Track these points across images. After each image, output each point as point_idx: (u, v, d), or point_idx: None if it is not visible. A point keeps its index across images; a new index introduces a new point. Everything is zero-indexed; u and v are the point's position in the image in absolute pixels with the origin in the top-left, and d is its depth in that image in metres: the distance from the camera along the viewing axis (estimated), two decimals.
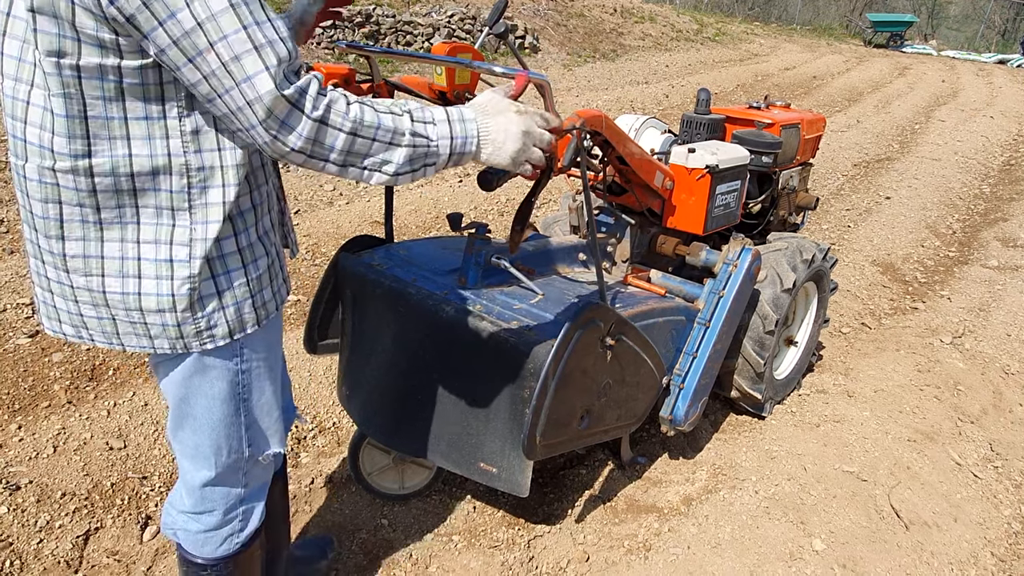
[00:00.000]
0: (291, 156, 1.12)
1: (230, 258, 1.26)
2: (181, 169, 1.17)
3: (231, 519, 1.53)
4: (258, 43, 1.04)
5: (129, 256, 1.20)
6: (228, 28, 1.02)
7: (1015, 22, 28.17)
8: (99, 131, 1.12)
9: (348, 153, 1.14)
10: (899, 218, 5.72)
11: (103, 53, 1.06)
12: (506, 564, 2.17)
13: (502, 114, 1.28)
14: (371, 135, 1.15)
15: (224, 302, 1.28)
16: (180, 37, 1.02)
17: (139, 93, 1.11)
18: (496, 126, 1.27)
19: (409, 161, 1.19)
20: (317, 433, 2.77)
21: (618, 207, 2.59)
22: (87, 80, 1.08)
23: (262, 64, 1.05)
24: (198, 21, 1.01)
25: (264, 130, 1.08)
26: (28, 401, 2.69)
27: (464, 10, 10.71)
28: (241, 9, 1.03)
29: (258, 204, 1.30)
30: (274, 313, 1.40)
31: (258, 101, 1.05)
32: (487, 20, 2.07)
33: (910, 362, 3.39)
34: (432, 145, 1.21)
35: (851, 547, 2.23)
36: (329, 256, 4.10)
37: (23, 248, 1.36)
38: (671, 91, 10.30)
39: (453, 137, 1.23)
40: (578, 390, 1.85)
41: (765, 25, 22.72)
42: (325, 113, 1.10)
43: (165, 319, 1.24)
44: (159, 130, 1.14)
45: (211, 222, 1.21)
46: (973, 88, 13.84)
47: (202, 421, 1.39)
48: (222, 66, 1.04)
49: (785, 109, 3.31)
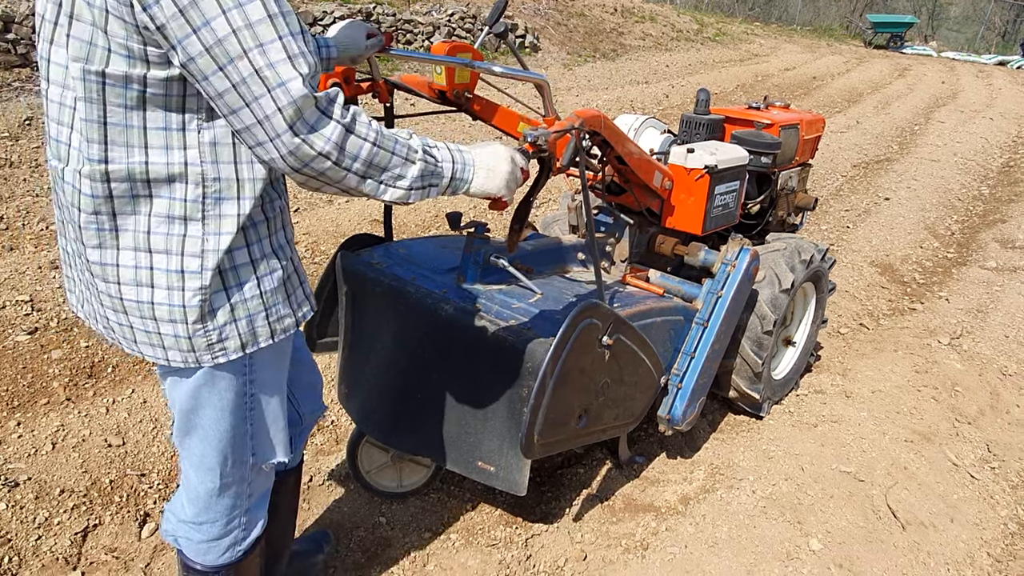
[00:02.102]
0: (315, 162, 1.11)
1: (243, 270, 1.26)
2: (197, 178, 1.17)
3: (233, 528, 1.53)
4: (292, 53, 1.07)
5: (142, 265, 1.21)
6: (265, 37, 1.04)
7: (1015, 24, 28.18)
8: (116, 137, 1.13)
9: (370, 164, 1.17)
10: (898, 219, 5.72)
11: (130, 62, 1.07)
12: (504, 562, 2.18)
13: (489, 146, 1.42)
14: (391, 148, 1.19)
15: (236, 315, 1.28)
16: (213, 44, 1.03)
17: (161, 103, 1.12)
18: (487, 154, 1.40)
19: (421, 177, 1.25)
20: (315, 431, 2.77)
21: (617, 207, 2.59)
22: (111, 87, 1.09)
23: (296, 72, 1.06)
24: (233, 28, 1.02)
25: (292, 135, 1.08)
26: (27, 398, 2.69)
27: (464, 9, 10.71)
28: (279, 20, 1.06)
29: (271, 216, 1.30)
30: (292, 330, 1.39)
31: (291, 105, 1.06)
32: (487, 19, 2.07)
33: (908, 363, 3.40)
34: (438, 165, 1.29)
35: (848, 547, 2.23)
36: (328, 254, 4.10)
37: (61, 250, 1.41)
38: (671, 91, 10.31)
39: (455, 161, 1.32)
40: (576, 389, 1.85)
41: (765, 25, 22.72)
42: (352, 122, 1.14)
43: (177, 330, 1.24)
44: (177, 140, 1.15)
45: (223, 233, 1.21)
46: (973, 89, 13.85)
47: (209, 432, 1.40)
48: (254, 72, 1.05)
49: (784, 110, 3.32)
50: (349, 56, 1.78)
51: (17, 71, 5.96)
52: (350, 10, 9.12)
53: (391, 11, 9.73)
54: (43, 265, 3.56)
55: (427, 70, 7.13)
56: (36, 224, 4.08)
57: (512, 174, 1.42)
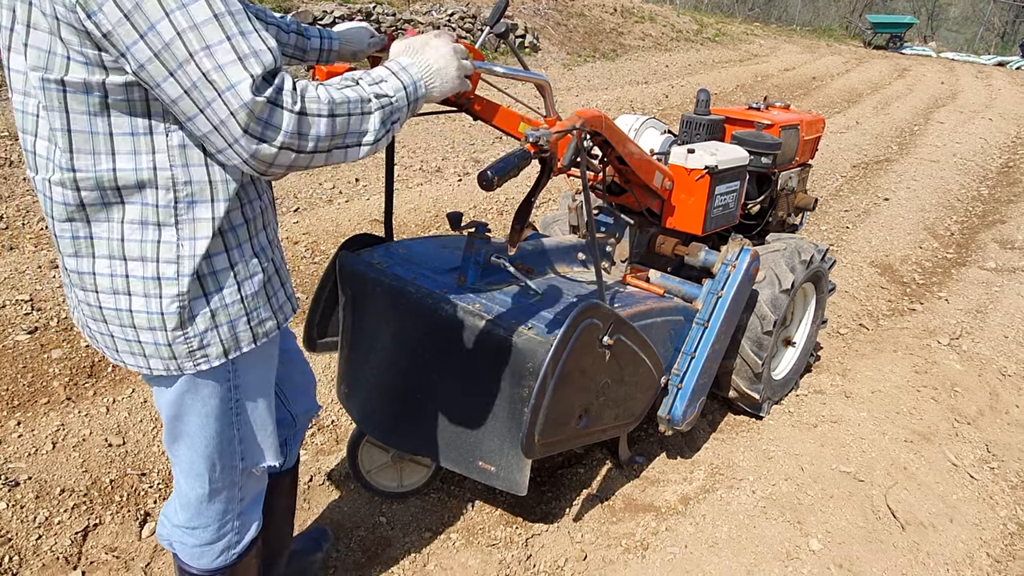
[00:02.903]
0: (278, 156, 1.07)
1: (222, 275, 1.23)
2: (167, 183, 1.14)
3: (226, 533, 1.53)
4: (242, 53, 1.01)
5: (118, 273, 1.19)
6: (212, 38, 0.99)
7: (1014, 24, 28.20)
8: (82, 145, 1.10)
9: (331, 136, 1.12)
10: (897, 219, 5.73)
11: (88, 69, 1.05)
12: (504, 562, 2.18)
13: (426, 45, 1.31)
14: (345, 111, 1.13)
15: (217, 320, 1.25)
16: (160, 49, 0.99)
17: (124, 108, 1.09)
18: (429, 57, 1.30)
19: (382, 123, 1.19)
20: (316, 431, 2.77)
21: (617, 207, 2.59)
22: (72, 95, 1.07)
23: (246, 73, 1.01)
24: (178, 31, 0.98)
25: (248, 138, 1.04)
26: (27, 398, 2.69)
27: (464, 9, 10.71)
28: (226, 20, 1.00)
29: (251, 219, 1.26)
30: (275, 332, 1.36)
31: (243, 108, 1.02)
32: (488, 19, 2.08)
33: (907, 363, 3.40)
34: (393, 100, 1.21)
35: (847, 547, 2.24)
36: (328, 254, 4.10)
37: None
38: (671, 91, 10.31)
39: (405, 86, 1.24)
40: (576, 389, 1.86)
41: (765, 26, 22.73)
42: (304, 104, 1.08)
43: (156, 337, 1.22)
44: (145, 145, 1.12)
45: (199, 238, 1.18)
46: (972, 90, 13.86)
47: (196, 438, 1.38)
48: (202, 76, 1.00)
49: (784, 110, 3.32)
50: (350, 51, 1.78)
51: None
52: (350, 9, 9.12)
53: (391, 11, 9.73)
54: (43, 264, 3.56)
55: None
56: (36, 224, 4.08)
57: (461, 67, 1.33)
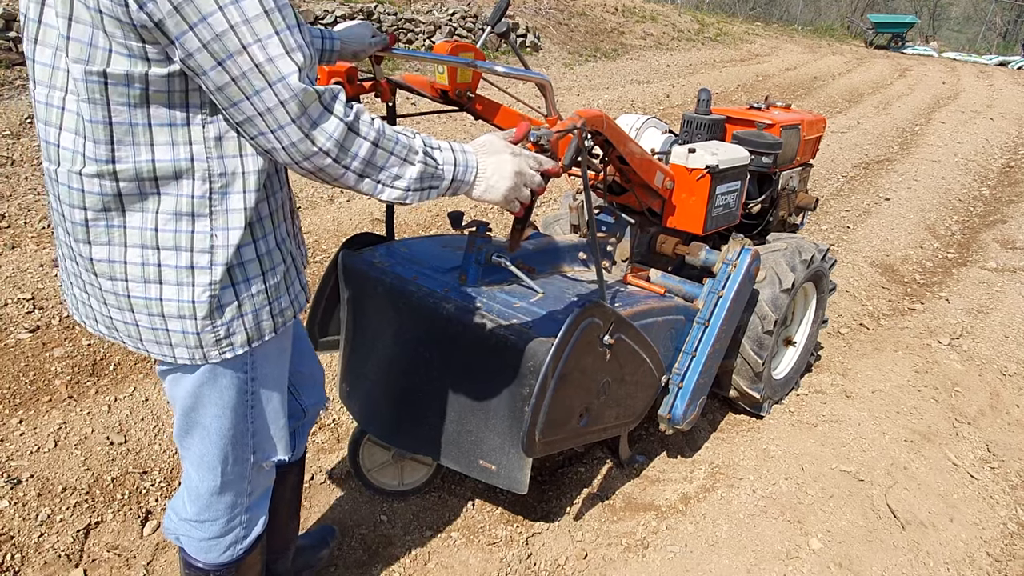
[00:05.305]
0: (315, 158, 1.12)
1: (249, 265, 1.27)
2: (204, 174, 1.18)
3: (234, 527, 1.54)
4: (290, 47, 1.07)
5: (150, 262, 1.21)
6: (263, 32, 1.05)
7: (1016, 24, 28.17)
8: (123, 137, 1.13)
9: (368, 163, 1.17)
10: (898, 219, 5.73)
11: (131, 61, 1.07)
12: (504, 561, 2.18)
13: (498, 154, 1.35)
14: (390, 148, 1.19)
15: (243, 309, 1.29)
16: (211, 40, 1.03)
17: (164, 100, 1.12)
18: (491, 165, 1.33)
19: (419, 179, 1.23)
20: (317, 429, 2.77)
21: (618, 207, 2.60)
22: (113, 87, 1.09)
23: (294, 65, 1.07)
24: (231, 24, 1.02)
25: (296, 128, 1.09)
26: (29, 396, 2.70)
27: (466, 8, 10.71)
28: (275, 15, 1.06)
29: (274, 210, 1.31)
30: (291, 321, 1.41)
31: (293, 99, 1.07)
32: (489, 19, 2.08)
33: (908, 363, 3.41)
34: (439, 168, 1.26)
35: (847, 546, 2.24)
36: (330, 253, 4.11)
37: (58, 251, 1.40)
38: (672, 91, 10.31)
39: (456, 164, 1.28)
40: (577, 388, 1.86)
41: (766, 25, 22.71)
42: (355, 121, 1.14)
43: (185, 326, 1.25)
44: (182, 136, 1.15)
45: (232, 228, 1.22)
46: (973, 90, 13.84)
47: (210, 430, 1.40)
48: (254, 67, 1.05)
49: (785, 110, 3.32)
50: (352, 51, 1.79)
51: (18, 69, 5.97)
52: (351, 8, 9.12)
53: (392, 10, 9.74)
54: (45, 263, 3.57)
55: (429, 69, 7.12)
56: (38, 222, 4.09)
57: (513, 190, 1.35)
